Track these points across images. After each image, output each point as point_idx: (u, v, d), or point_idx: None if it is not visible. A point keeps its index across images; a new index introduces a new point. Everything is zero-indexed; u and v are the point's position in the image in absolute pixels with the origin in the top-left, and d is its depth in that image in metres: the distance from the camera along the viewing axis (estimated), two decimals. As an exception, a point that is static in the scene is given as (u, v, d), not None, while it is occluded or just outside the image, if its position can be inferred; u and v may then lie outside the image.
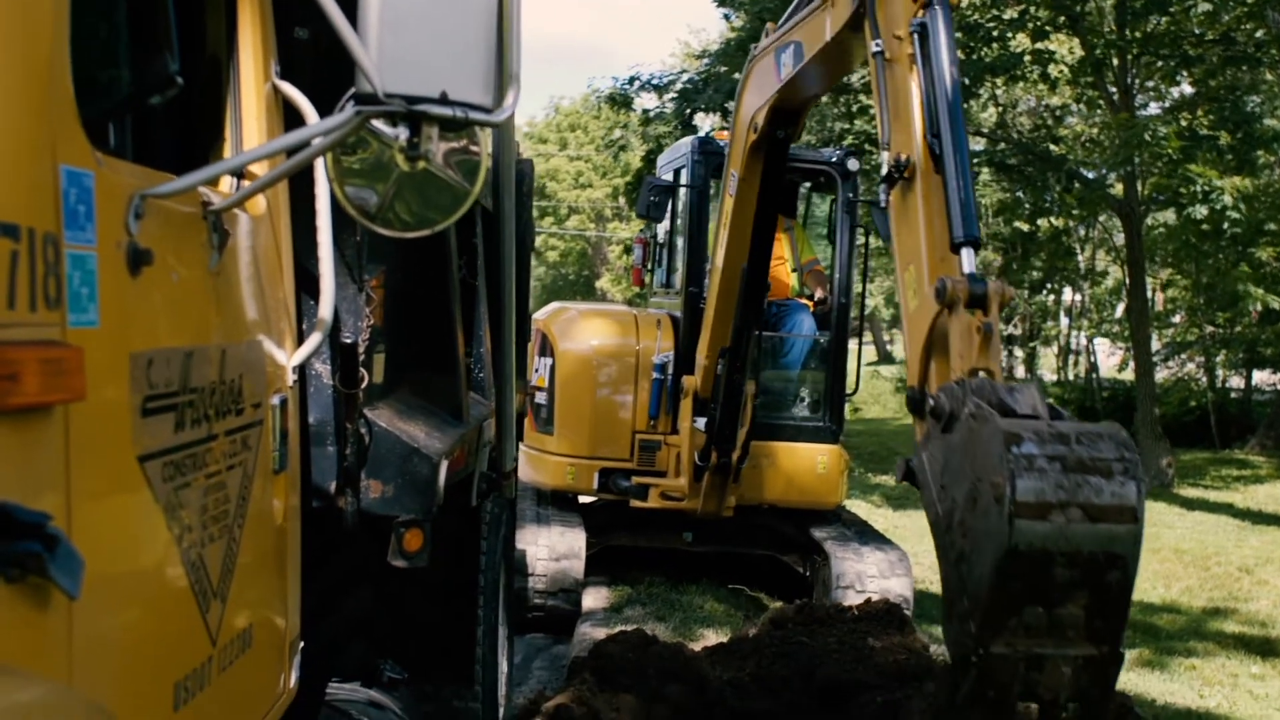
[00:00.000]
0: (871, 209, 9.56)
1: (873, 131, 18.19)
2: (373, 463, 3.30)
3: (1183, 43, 18.72)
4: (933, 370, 4.29)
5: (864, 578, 8.92)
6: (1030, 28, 18.22)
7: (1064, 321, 32.78)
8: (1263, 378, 27.53)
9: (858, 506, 14.18)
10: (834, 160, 9.75)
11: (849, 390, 10.15)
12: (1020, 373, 31.33)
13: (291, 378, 2.95)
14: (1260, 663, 9.38)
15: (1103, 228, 27.96)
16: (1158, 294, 28.38)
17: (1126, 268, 21.74)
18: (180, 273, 2.25)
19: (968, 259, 4.28)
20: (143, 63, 2.23)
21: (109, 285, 1.93)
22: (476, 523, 4.97)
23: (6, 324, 1.65)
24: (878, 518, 13.68)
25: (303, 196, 3.02)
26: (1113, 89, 20.00)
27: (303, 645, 3.14)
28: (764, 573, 10.48)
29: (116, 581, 1.98)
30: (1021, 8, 18.42)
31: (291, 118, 2.92)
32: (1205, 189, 16.17)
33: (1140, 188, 19.99)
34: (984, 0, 18.30)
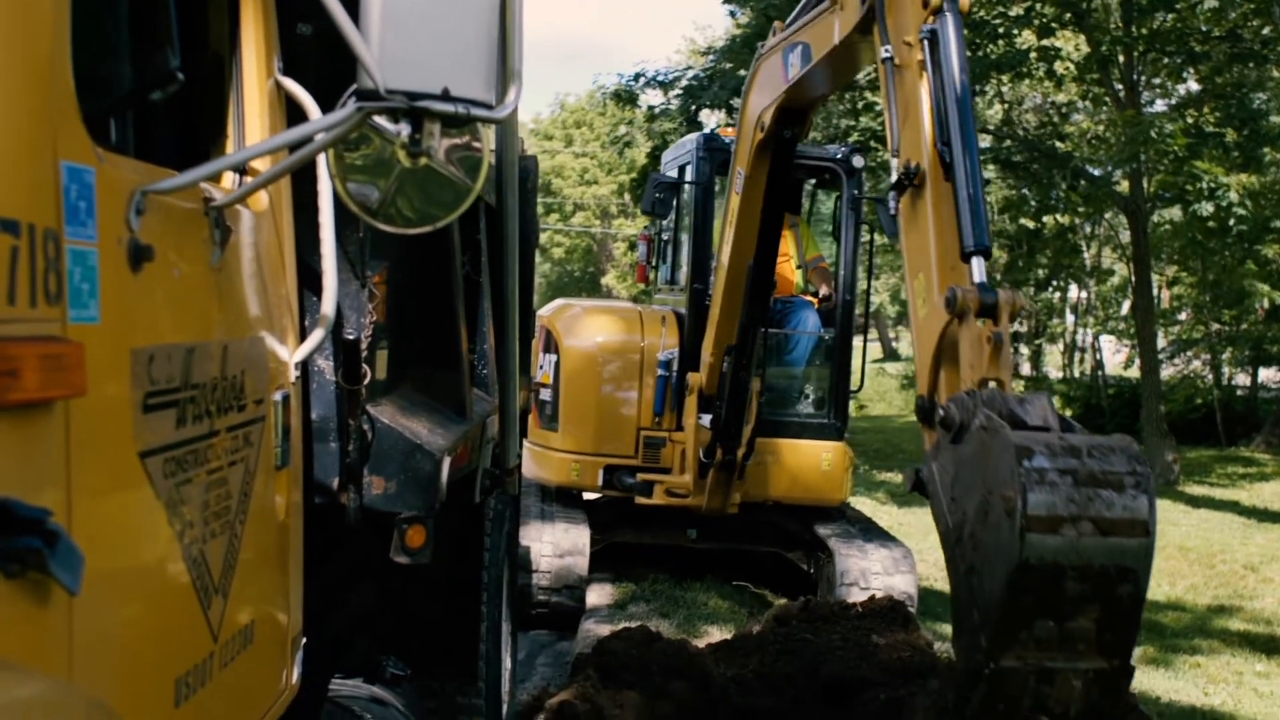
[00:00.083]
0: (877, 206, 9.56)
1: (878, 129, 18.18)
2: (375, 459, 3.30)
3: (1189, 39, 18.69)
4: (942, 379, 4.28)
5: (868, 575, 8.91)
6: (1036, 24, 18.19)
7: (1069, 319, 32.73)
8: (1269, 375, 27.50)
9: (863, 503, 14.18)
10: (839, 157, 9.73)
11: (854, 387, 10.14)
12: (1026, 370, 31.29)
13: (294, 374, 2.94)
14: (1265, 660, 9.37)
15: (1108, 225, 27.90)
16: (1163, 291, 28.34)
17: (1132, 265, 21.69)
18: (182, 269, 2.25)
19: (978, 268, 4.27)
20: (144, 58, 2.23)
21: (110, 281, 1.93)
22: (480, 519, 4.97)
23: (7, 320, 1.65)
24: (882, 515, 13.68)
25: (306, 193, 3.02)
26: (1119, 86, 19.97)
27: (305, 641, 3.14)
28: (768, 570, 10.48)
29: (117, 577, 1.98)
30: (1027, 4, 18.40)
31: (295, 114, 2.93)
32: (1211, 186, 16.14)
33: (1146, 185, 19.96)
34: (990, -3, 18.29)
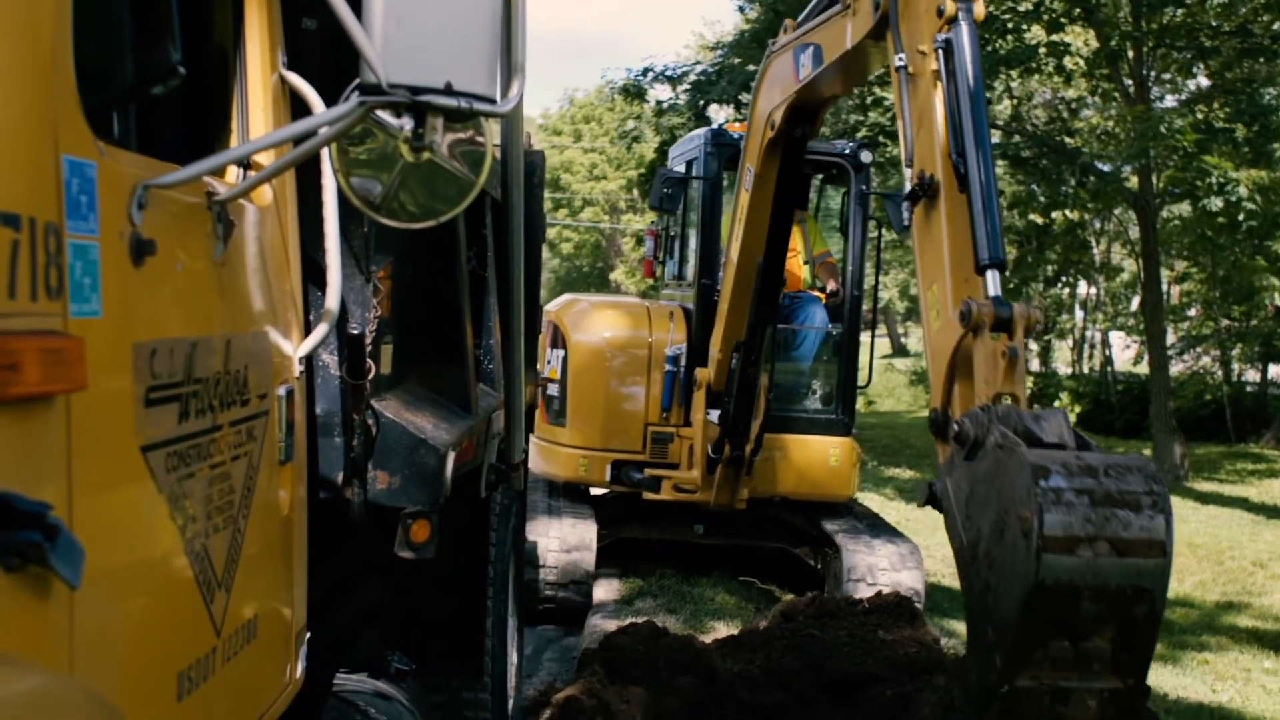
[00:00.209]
0: (885, 202, 9.54)
1: (887, 124, 18.14)
2: (379, 454, 3.30)
3: (1199, 34, 18.61)
4: (956, 393, 4.27)
5: (875, 570, 8.90)
6: (1045, 19, 18.12)
7: (1079, 315, 32.68)
8: (1278, 371, 27.42)
9: (870, 499, 14.17)
10: (847, 152, 9.71)
11: (861, 383, 10.13)
12: (1035, 366, 31.24)
13: (298, 369, 2.95)
14: (1273, 657, 9.35)
15: (1118, 221, 27.85)
16: (1173, 287, 28.27)
17: (1141, 261, 21.65)
18: (184, 263, 2.25)
19: (993, 281, 4.25)
20: (145, 52, 2.23)
21: (111, 275, 1.93)
22: (486, 514, 4.97)
23: (7, 314, 1.65)
24: (890, 510, 13.66)
25: (310, 187, 3.02)
26: (1128, 81, 19.91)
27: (309, 636, 3.14)
28: (775, 565, 10.47)
29: (119, 571, 1.98)
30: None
31: (299, 109, 2.92)
32: (1221, 181, 16.09)
33: (1155, 181, 19.90)
34: (999, -8, 18.22)
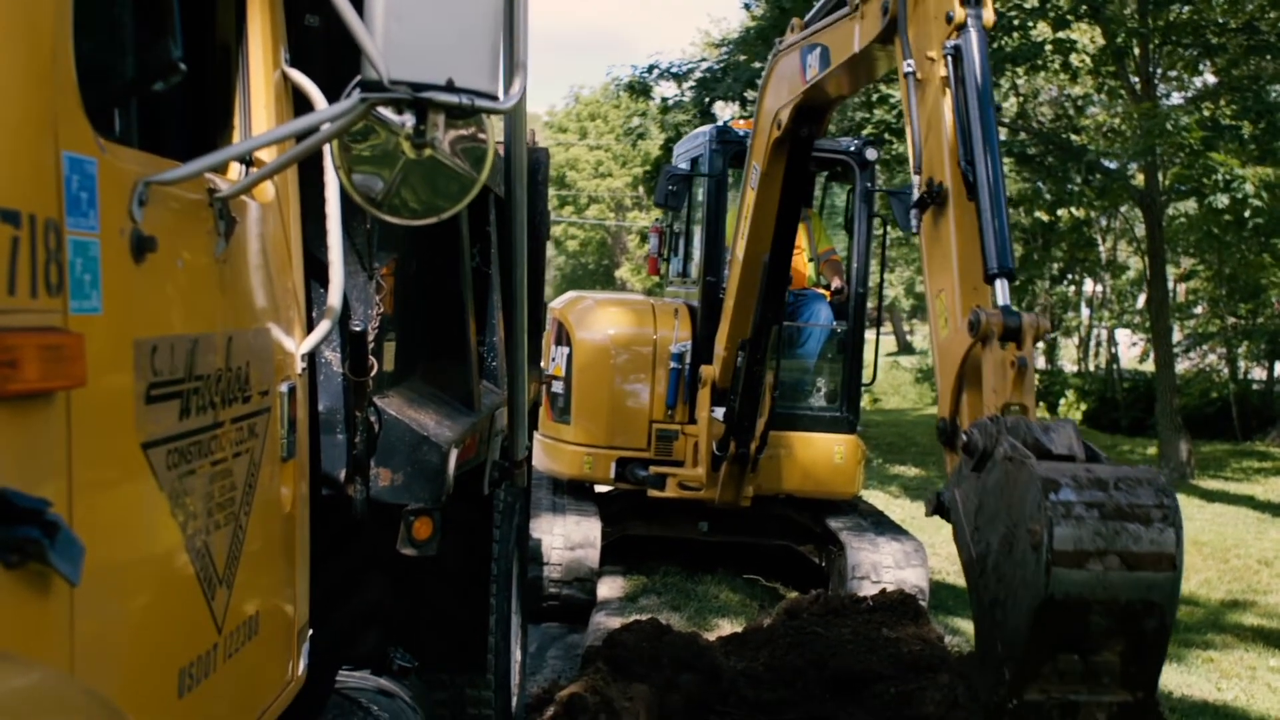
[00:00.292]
0: (890, 200, 9.52)
1: (893, 121, 18.11)
2: (382, 451, 3.30)
3: (1205, 31, 18.58)
4: (965, 403, 4.24)
5: (880, 568, 8.90)
6: (1051, 16, 18.09)
7: (1085, 312, 32.64)
8: (1285, 369, 27.38)
9: (875, 497, 14.16)
10: (852, 150, 9.70)
11: (866, 380, 10.12)
12: (1041, 364, 31.22)
13: (300, 365, 2.95)
14: (1278, 655, 9.34)
15: (1124, 218, 27.81)
16: (1179, 285, 28.23)
17: (1147, 258, 21.61)
18: (186, 260, 2.25)
19: (1001, 291, 4.23)
20: (146, 49, 2.23)
21: (112, 272, 1.93)
22: (489, 511, 4.97)
23: (7, 310, 1.65)
24: (895, 508, 13.65)
25: (313, 184, 3.02)
26: (1134, 78, 19.87)
27: (311, 633, 3.14)
28: (780, 563, 10.47)
29: (119, 568, 1.98)
30: (1043, -4, 18.31)
31: (302, 106, 2.92)
32: (1227, 178, 16.06)
33: (1161, 178, 19.87)
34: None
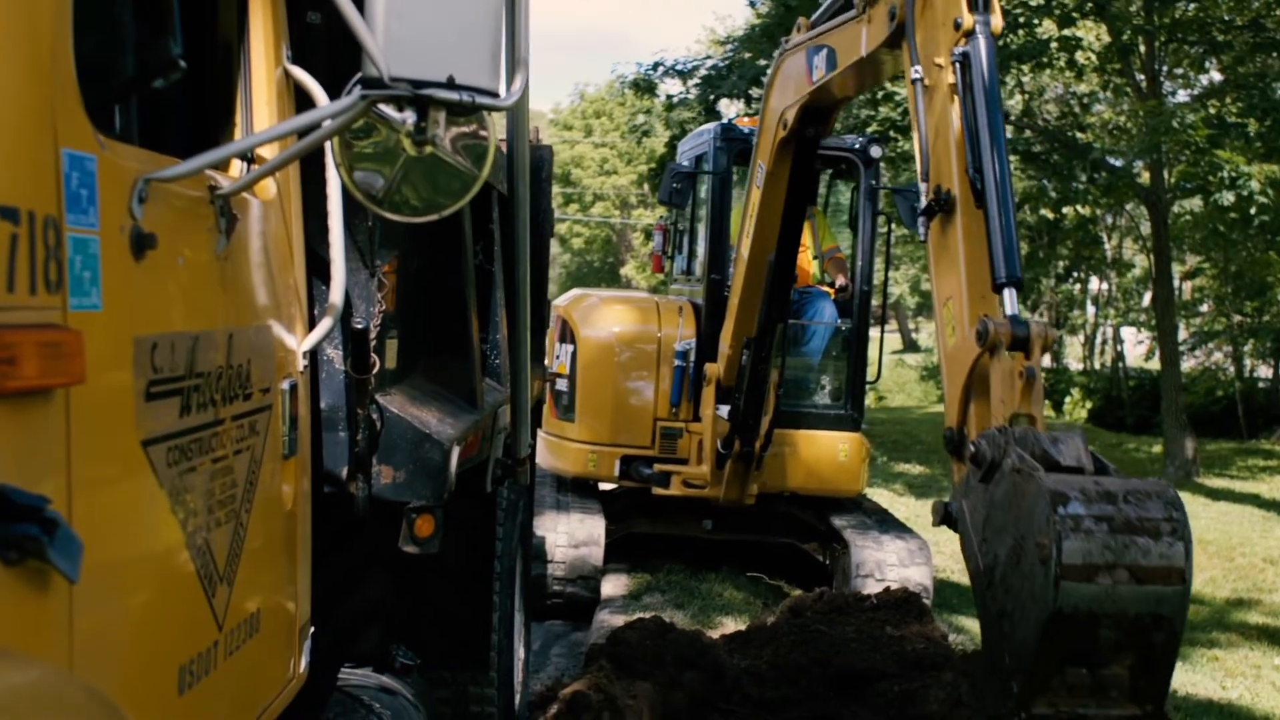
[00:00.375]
0: (895, 196, 9.52)
1: (898, 119, 18.09)
2: (384, 448, 3.30)
3: (1211, 29, 18.54)
4: (972, 412, 4.24)
5: (884, 566, 8.89)
6: (1057, 14, 18.06)
7: (1090, 310, 32.61)
8: (1290, 367, 27.35)
9: (880, 494, 14.15)
10: (856, 147, 9.68)
11: (871, 378, 10.11)
12: (1046, 362, 31.17)
13: (302, 363, 2.94)
14: (1284, 654, 9.33)
15: (1129, 216, 27.77)
16: (1185, 283, 28.19)
17: (1153, 256, 21.58)
18: (186, 257, 2.25)
19: (1010, 300, 4.23)
20: (146, 46, 2.23)
21: (112, 269, 1.93)
22: (492, 509, 4.97)
23: (6, 307, 1.65)
24: (899, 506, 13.64)
25: (314, 181, 3.02)
26: (1140, 76, 19.84)
27: (313, 630, 3.14)
28: (784, 561, 10.47)
29: (118, 565, 1.98)
30: (1049, -7, 18.27)
31: (305, 103, 2.92)
32: (1232, 175, 16.03)
33: (1167, 175, 19.84)
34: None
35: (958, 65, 4.58)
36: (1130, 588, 3.32)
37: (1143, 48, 19.36)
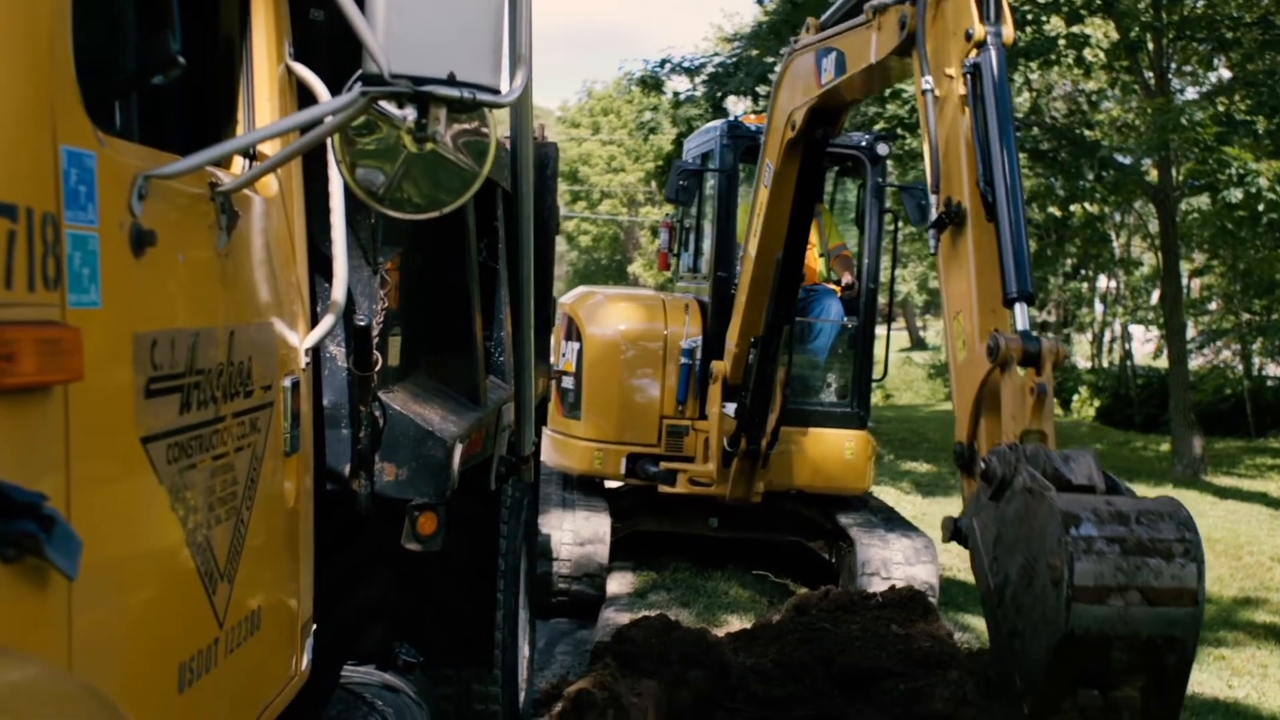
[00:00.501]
0: (901, 194, 9.50)
1: (905, 116, 18.08)
2: (386, 446, 3.30)
3: (1219, 26, 18.50)
4: (983, 428, 4.21)
5: (890, 564, 8.87)
6: (1065, 11, 18.03)
7: (1099, 308, 32.54)
8: (1299, 366, 27.28)
9: (887, 492, 14.13)
10: (863, 145, 9.65)
11: (877, 376, 10.09)
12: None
13: (304, 360, 2.94)
14: (1291, 653, 9.30)
15: (1138, 214, 27.72)
16: (1193, 281, 28.13)
17: (1160, 254, 21.53)
18: (186, 254, 2.25)
19: (1021, 315, 4.20)
20: (145, 43, 2.23)
21: (111, 266, 1.93)
22: (496, 507, 4.97)
23: (4, 304, 1.65)
24: (906, 504, 13.63)
25: (317, 178, 3.02)
26: (1148, 73, 19.80)
27: (315, 628, 3.14)
28: (790, 559, 10.45)
29: (118, 562, 1.98)
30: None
31: (307, 100, 2.92)
32: (1241, 172, 15.99)
33: (1175, 173, 19.80)
34: (1019, -17, 18.12)
35: (969, 76, 4.54)
36: (1142, 609, 3.31)
37: (1151, 45, 19.32)
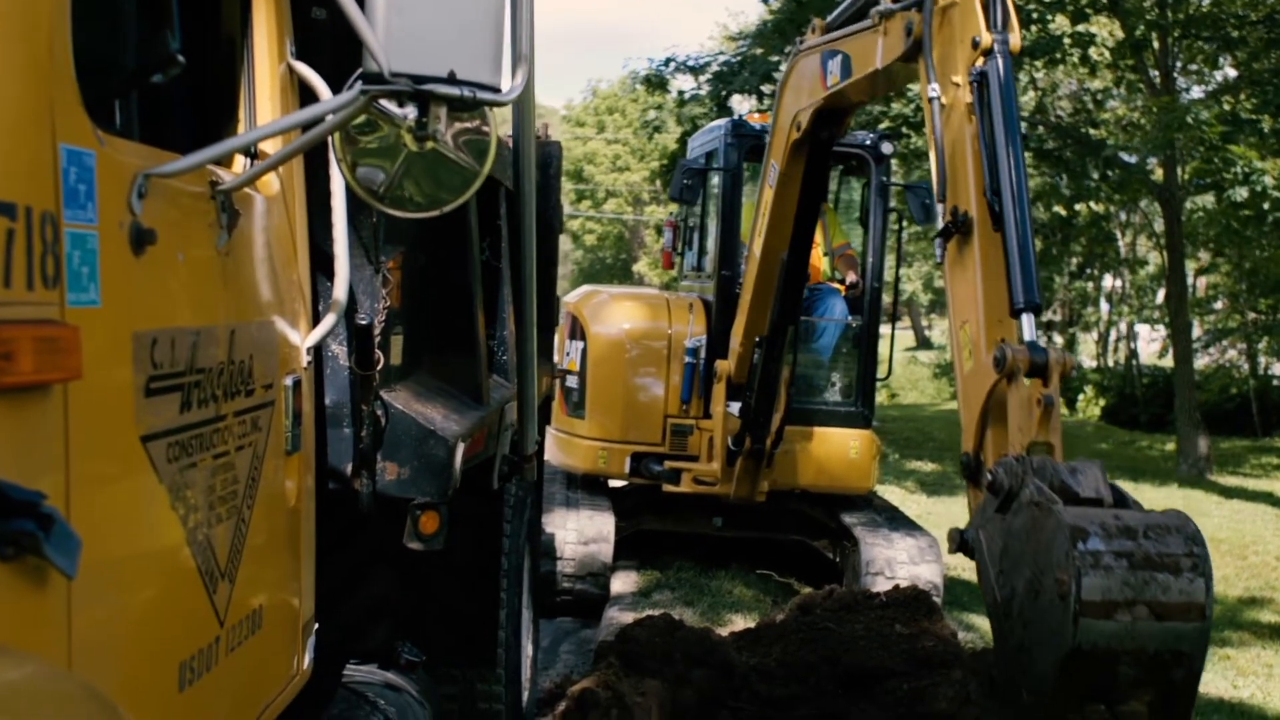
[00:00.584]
0: (906, 193, 9.49)
1: (910, 115, 18.05)
2: (388, 445, 3.29)
3: (1225, 25, 18.46)
4: (989, 439, 4.20)
5: (894, 564, 8.86)
6: (1070, 10, 18.00)
7: (1104, 307, 32.48)
8: (1305, 365, 27.22)
9: (892, 491, 14.11)
10: (867, 144, 9.64)
11: (881, 375, 10.08)
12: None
13: (306, 359, 2.94)
14: (1296, 653, 9.27)
15: (1143, 213, 27.68)
16: (1199, 280, 28.08)
17: (1166, 253, 21.50)
18: (187, 252, 2.25)
19: (1028, 325, 4.17)
20: (144, 42, 2.23)
21: (111, 265, 1.93)
22: (499, 506, 4.96)
23: (3, 302, 1.65)
24: (911, 504, 13.61)
25: (319, 177, 3.02)
26: (1154, 72, 19.77)
27: (318, 627, 3.14)
28: (794, 558, 10.44)
29: (118, 561, 1.98)
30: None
31: (309, 99, 2.91)
32: (1246, 171, 15.96)
33: (1180, 172, 19.76)
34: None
35: (975, 84, 4.52)
36: (1150, 624, 3.30)
37: (1156, 44, 19.28)
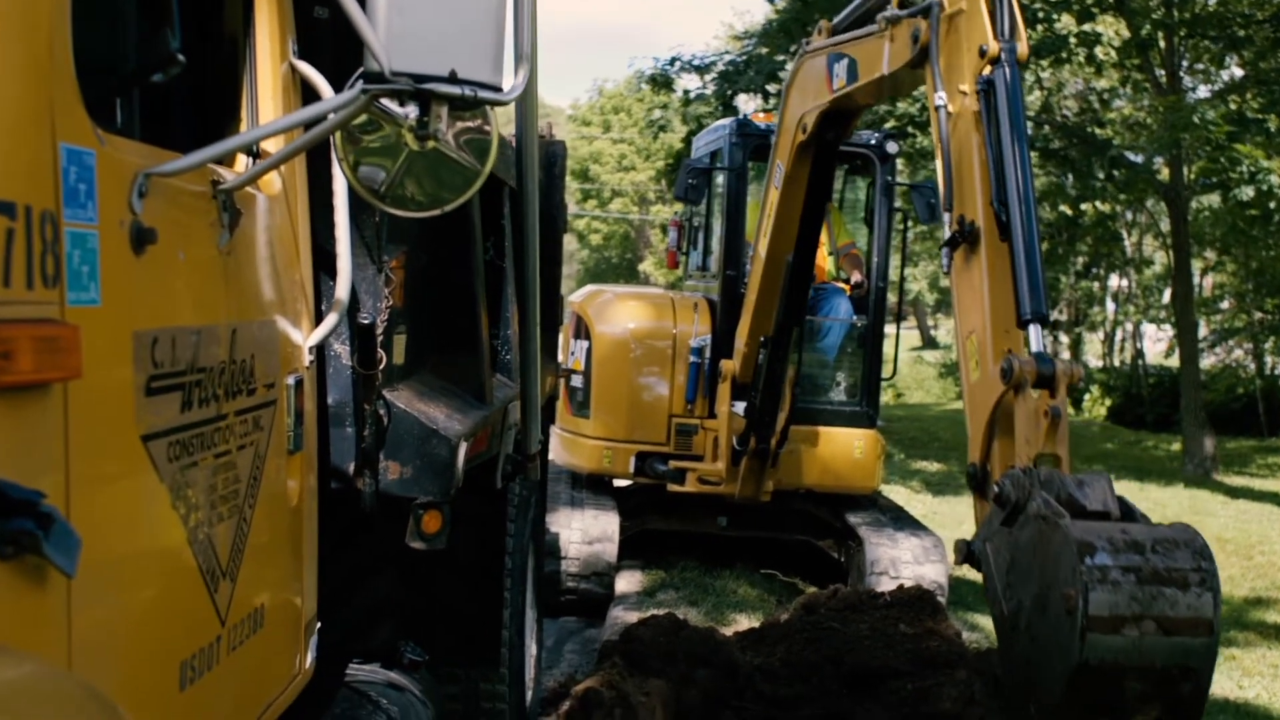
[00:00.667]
0: (911, 192, 9.48)
1: (915, 114, 18.02)
2: (391, 444, 3.29)
3: (1231, 24, 18.43)
4: (996, 450, 4.18)
5: (898, 564, 8.85)
6: (1076, 9, 17.97)
7: (1110, 307, 32.43)
8: (1312, 365, 27.15)
9: (898, 491, 14.10)
10: (872, 143, 9.62)
11: (886, 375, 10.07)
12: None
13: (308, 358, 2.94)
14: (1302, 653, 9.26)
15: (1149, 212, 27.63)
16: (1205, 280, 28.04)
17: (1172, 253, 21.47)
18: (188, 252, 2.24)
19: (1035, 336, 4.15)
20: (145, 41, 2.23)
21: (111, 264, 1.93)
22: (502, 505, 4.96)
23: (2, 302, 1.65)
24: (916, 503, 13.60)
25: (321, 176, 3.02)
26: (1160, 71, 19.74)
27: (320, 626, 3.14)
28: (798, 558, 10.44)
29: (118, 560, 1.98)
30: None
31: (310, 99, 2.91)
32: (1252, 170, 15.94)
33: (1186, 171, 19.73)
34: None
35: (983, 93, 4.50)
36: (1157, 639, 3.29)
37: (1162, 43, 19.26)
